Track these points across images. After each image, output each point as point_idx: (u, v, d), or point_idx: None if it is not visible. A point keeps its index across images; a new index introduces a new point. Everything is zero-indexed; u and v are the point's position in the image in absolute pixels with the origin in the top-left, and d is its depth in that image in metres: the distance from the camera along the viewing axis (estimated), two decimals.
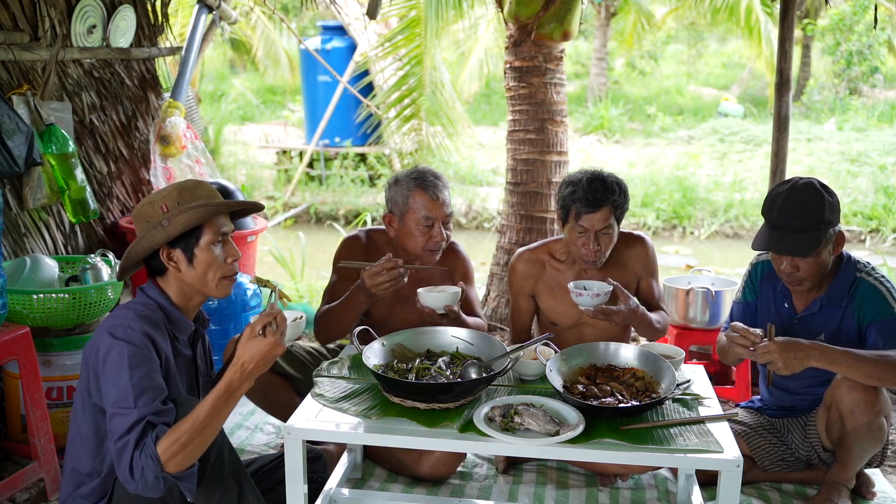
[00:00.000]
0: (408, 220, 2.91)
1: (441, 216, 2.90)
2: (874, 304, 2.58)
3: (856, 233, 9.58)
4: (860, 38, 14.36)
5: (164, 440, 1.89)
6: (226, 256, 2.18)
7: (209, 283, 2.16)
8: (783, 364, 2.30)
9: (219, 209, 2.15)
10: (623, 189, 2.88)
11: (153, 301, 2.15)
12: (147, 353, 2.01)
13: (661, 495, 2.86)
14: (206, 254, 2.14)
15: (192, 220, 2.11)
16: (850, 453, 2.63)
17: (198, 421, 1.92)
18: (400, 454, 2.86)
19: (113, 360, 1.98)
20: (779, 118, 4.23)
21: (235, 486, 2.07)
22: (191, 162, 4.36)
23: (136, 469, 1.89)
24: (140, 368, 1.97)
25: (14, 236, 3.49)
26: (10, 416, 3.12)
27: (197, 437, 1.91)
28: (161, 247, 2.12)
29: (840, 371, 2.38)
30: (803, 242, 2.54)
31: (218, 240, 2.16)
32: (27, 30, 3.60)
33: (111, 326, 2.03)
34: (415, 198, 2.89)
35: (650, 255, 3.06)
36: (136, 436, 1.90)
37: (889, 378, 2.41)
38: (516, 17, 4.62)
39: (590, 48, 18.44)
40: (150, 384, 1.97)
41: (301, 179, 11.28)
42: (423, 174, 2.93)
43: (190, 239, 2.13)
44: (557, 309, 3.04)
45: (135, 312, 2.07)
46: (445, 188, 2.94)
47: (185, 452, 1.90)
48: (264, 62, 14.63)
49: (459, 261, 3.11)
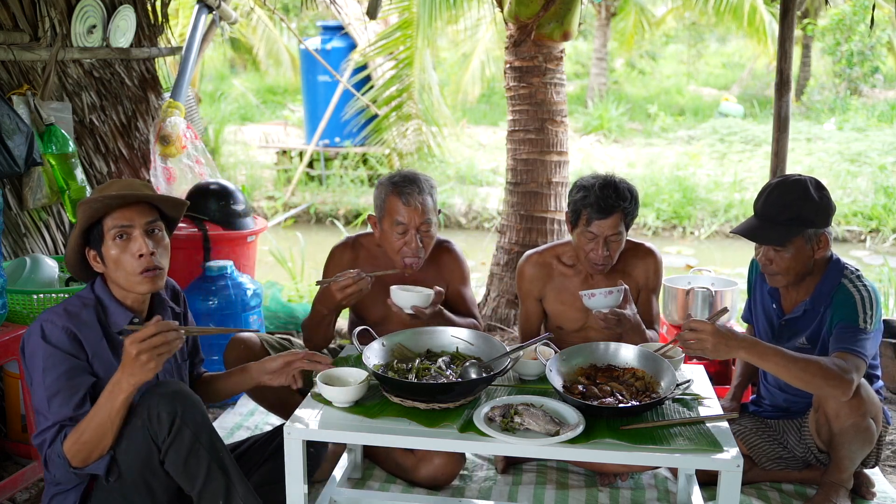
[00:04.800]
0: (385, 224, 2.89)
1: (415, 223, 2.82)
2: (843, 309, 2.56)
3: (856, 233, 9.57)
4: (861, 38, 14.36)
5: (68, 439, 2.00)
6: (136, 251, 2.09)
7: (129, 279, 2.11)
8: (711, 347, 2.25)
9: (104, 201, 2.05)
10: (634, 196, 2.87)
11: (93, 296, 2.16)
12: (63, 352, 2.05)
13: (661, 495, 2.86)
14: (113, 249, 2.10)
15: (88, 215, 2.07)
16: (840, 455, 2.64)
17: (94, 421, 1.99)
18: (399, 459, 2.86)
19: (32, 363, 2.06)
20: (779, 118, 4.23)
21: (221, 474, 2.08)
22: (191, 162, 4.36)
23: (50, 463, 2.04)
24: (53, 371, 2.03)
25: (14, 236, 3.49)
26: (10, 416, 3.12)
27: (94, 436, 1.99)
28: (83, 249, 2.14)
29: (767, 369, 2.35)
30: (774, 233, 2.57)
31: (119, 234, 2.09)
32: (27, 30, 3.60)
33: (37, 324, 2.08)
34: (390, 201, 2.85)
35: (657, 270, 3.04)
36: (50, 436, 2.03)
37: (815, 382, 2.36)
38: (516, 18, 4.62)
39: (590, 48, 18.44)
40: (64, 384, 2.03)
41: (301, 179, 11.28)
42: (402, 178, 2.87)
43: (93, 237, 2.12)
44: (564, 313, 3.04)
45: (63, 309, 2.11)
46: (424, 193, 2.84)
47: (85, 448, 1.99)
48: (266, 62, 14.64)
49: (453, 261, 3.08)
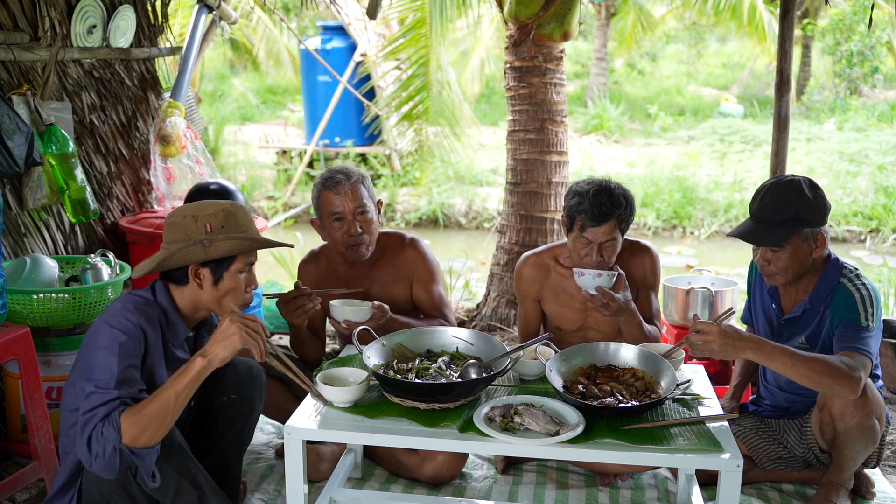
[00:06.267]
0: (324, 222, 2.98)
1: (349, 210, 2.91)
2: (843, 308, 2.56)
3: (856, 233, 9.57)
4: (861, 38, 14.35)
5: (127, 413, 1.98)
6: (247, 285, 2.27)
7: (224, 305, 2.23)
8: (719, 348, 2.25)
9: (262, 246, 2.27)
10: (629, 202, 2.88)
11: (155, 301, 2.21)
12: (137, 347, 2.08)
13: (661, 495, 2.86)
14: (233, 280, 2.23)
15: (235, 250, 2.19)
16: (843, 454, 2.63)
17: (159, 398, 1.99)
18: (401, 457, 2.86)
19: (106, 343, 2.05)
20: (779, 118, 4.23)
21: (192, 489, 2.11)
22: (191, 162, 4.36)
23: (95, 438, 1.96)
24: (128, 359, 2.05)
25: (14, 236, 3.49)
26: (10, 416, 3.12)
27: (156, 413, 1.98)
28: (194, 263, 2.18)
29: (775, 368, 2.35)
30: (771, 234, 2.58)
31: (245, 269, 2.26)
32: (27, 30, 3.60)
33: (108, 316, 2.11)
34: (323, 198, 2.95)
35: (654, 266, 3.05)
36: (106, 410, 1.98)
37: (823, 381, 2.36)
38: (516, 17, 4.62)
39: (590, 48, 18.43)
40: (133, 376, 2.05)
41: (301, 179, 11.28)
42: (330, 173, 2.98)
43: (222, 263, 2.21)
44: (562, 314, 3.05)
45: (133, 304, 2.15)
46: (352, 180, 2.93)
47: (143, 425, 1.97)
48: (266, 62, 14.63)
49: (417, 258, 3.09)
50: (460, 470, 2.88)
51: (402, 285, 3.08)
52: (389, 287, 3.05)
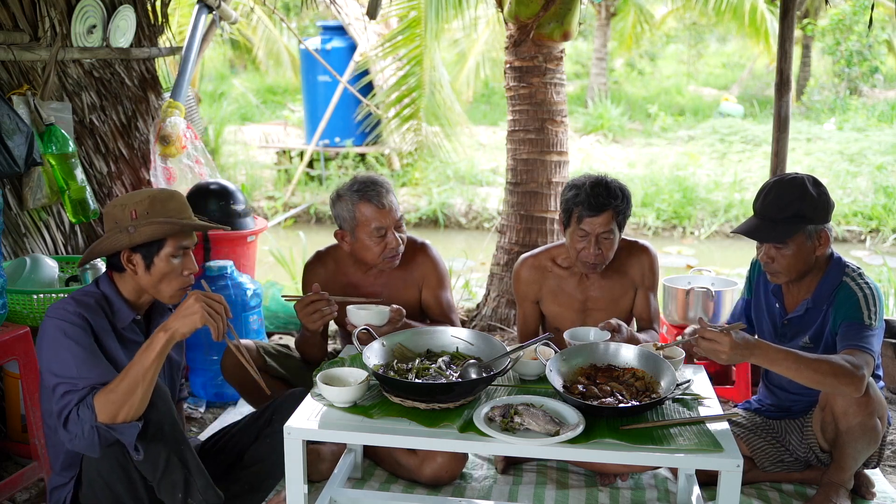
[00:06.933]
0: (359, 234, 2.89)
1: (391, 223, 2.88)
2: (846, 307, 2.57)
3: (856, 233, 9.57)
4: (860, 38, 14.35)
5: (100, 394, 2.03)
6: (182, 269, 2.28)
7: (162, 290, 2.28)
8: (727, 357, 2.25)
9: (184, 228, 2.26)
10: (626, 195, 2.88)
11: (99, 291, 2.26)
12: (82, 332, 2.12)
13: (661, 495, 2.86)
14: (165, 264, 2.25)
15: (157, 234, 2.22)
16: (845, 454, 2.63)
17: (128, 375, 2.04)
18: (401, 459, 2.86)
19: (54, 335, 2.10)
20: (779, 118, 4.23)
21: (180, 466, 2.15)
22: (191, 162, 4.36)
23: (72, 421, 2.03)
24: (78, 344, 2.10)
25: (14, 236, 3.49)
26: (10, 416, 3.12)
27: (127, 389, 2.03)
28: (123, 249, 2.21)
29: (780, 371, 2.34)
30: (775, 231, 2.58)
31: (178, 253, 2.26)
32: (27, 30, 3.60)
33: (50, 311, 2.16)
34: (361, 210, 2.87)
35: (652, 266, 3.05)
36: (78, 396, 2.04)
37: (827, 381, 2.36)
38: (516, 17, 4.62)
39: (590, 48, 18.43)
40: (90, 354, 2.10)
41: (301, 179, 11.29)
42: (364, 185, 2.89)
43: (152, 248, 2.23)
44: (561, 315, 3.05)
45: (72, 297, 2.21)
46: (389, 193, 2.91)
47: (117, 403, 2.01)
48: (266, 62, 14.63)
49: (428, 263, 3.07)
50: (459, 472, 2.88)
51: (412, 290, 3.06)
52: (400, 291, 3.03)
